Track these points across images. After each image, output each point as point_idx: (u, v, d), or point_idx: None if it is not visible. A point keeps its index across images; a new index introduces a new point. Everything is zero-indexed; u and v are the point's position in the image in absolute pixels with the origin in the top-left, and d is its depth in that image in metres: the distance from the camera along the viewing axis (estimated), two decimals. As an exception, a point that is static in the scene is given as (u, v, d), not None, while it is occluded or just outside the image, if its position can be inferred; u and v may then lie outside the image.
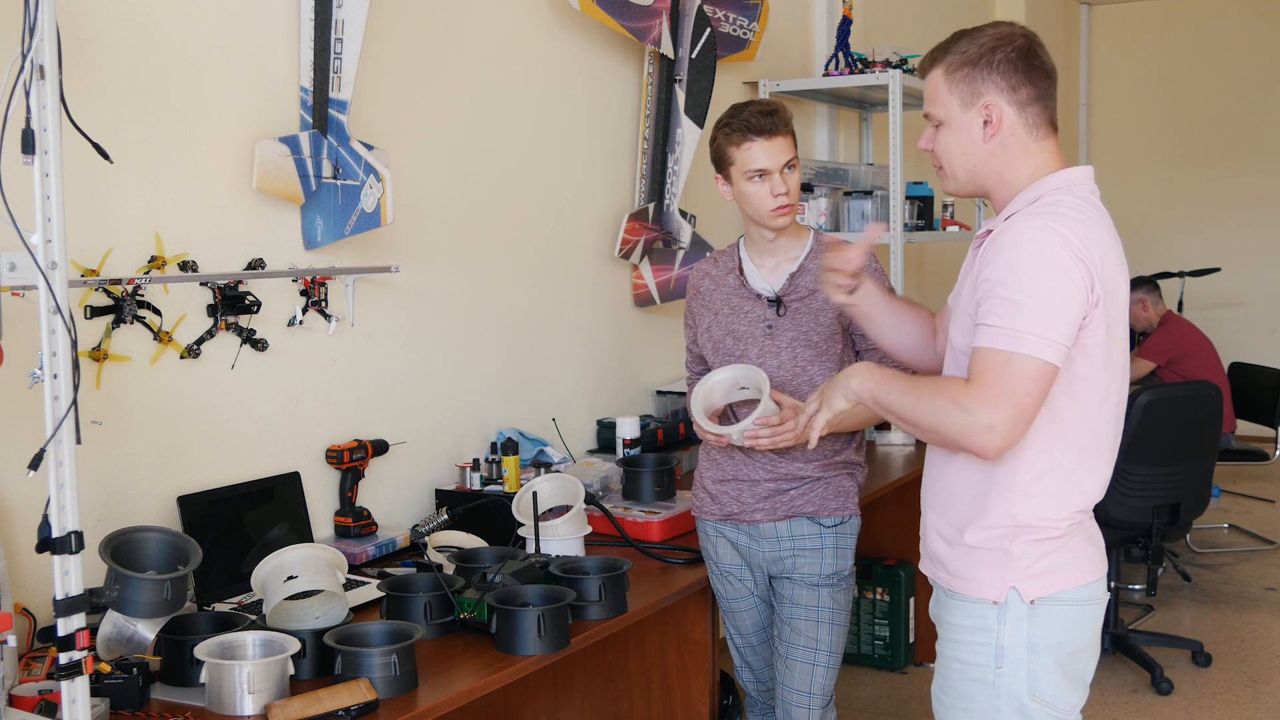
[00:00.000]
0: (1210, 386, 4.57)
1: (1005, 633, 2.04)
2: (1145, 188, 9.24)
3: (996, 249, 1.96)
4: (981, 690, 2.07)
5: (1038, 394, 1.91)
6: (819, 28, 5.49)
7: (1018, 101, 2.03)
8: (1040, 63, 2.04)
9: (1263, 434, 6.52)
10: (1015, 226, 1.96)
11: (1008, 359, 1.89)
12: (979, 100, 2.03)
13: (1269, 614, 5.16)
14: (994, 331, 1.91)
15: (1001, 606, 2.04)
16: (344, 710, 2.04)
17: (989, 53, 2.02)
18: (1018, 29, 2.07)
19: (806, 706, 2.75)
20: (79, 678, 1.81)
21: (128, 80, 2.56)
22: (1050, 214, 1.95)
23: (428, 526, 3.04)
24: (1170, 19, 9.17)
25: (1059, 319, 1.90)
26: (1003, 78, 2.02)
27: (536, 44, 3.76)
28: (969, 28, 2.10)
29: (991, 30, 2.07)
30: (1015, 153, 2.05)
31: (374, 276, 3.14)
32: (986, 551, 2.05)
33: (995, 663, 2.05)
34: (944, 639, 2.14)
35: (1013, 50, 2.02)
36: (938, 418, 1.97)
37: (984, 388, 1.91)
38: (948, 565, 2.12)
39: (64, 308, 1.78)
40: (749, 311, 2.77)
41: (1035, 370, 1.89)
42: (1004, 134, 2.04)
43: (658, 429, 3.84)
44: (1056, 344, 1.90)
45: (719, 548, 2.85)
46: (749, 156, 2.67)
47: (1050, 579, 2.04)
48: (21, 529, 2.35)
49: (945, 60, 2.07)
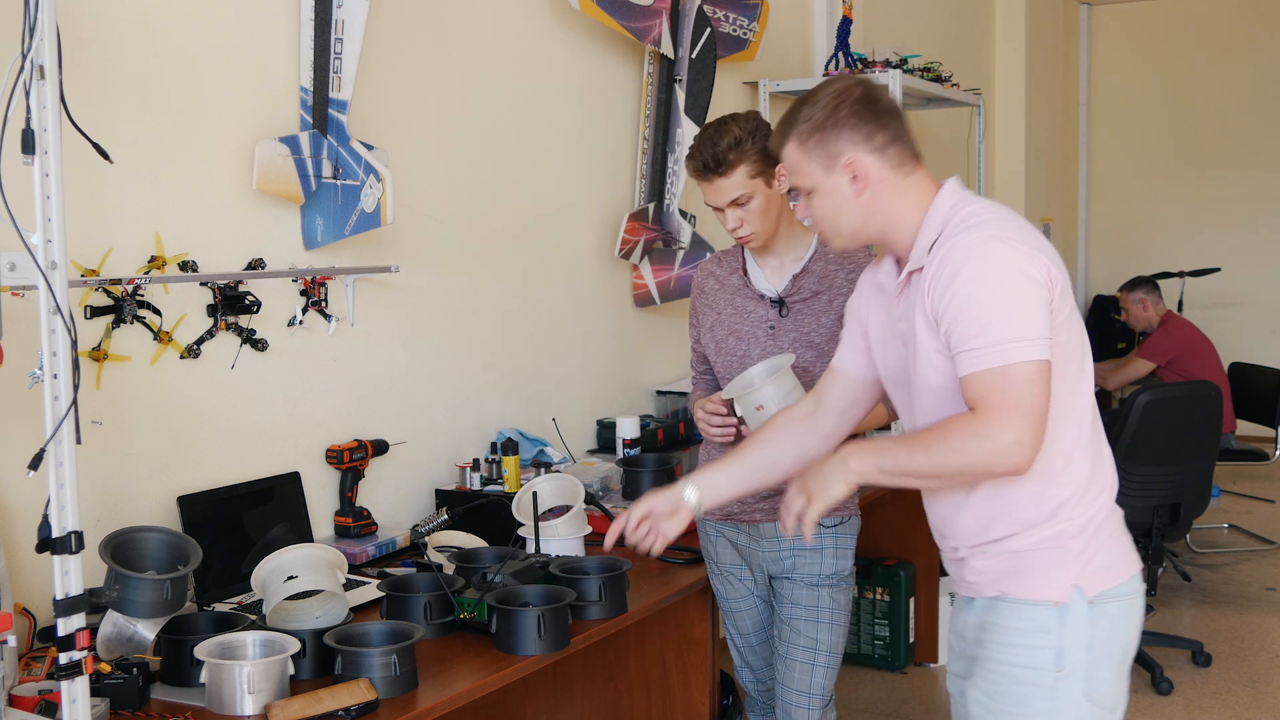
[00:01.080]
0: (1210, 386, 4.57)
1: (1066, 634, 2.01)
2: (1145, 188, 9.23)
3: (943, 278, 1.94)
4: (1038, 695, 2.02)
5: (1044, 394, 1.90)
6: (819, 28, 5.49)
7: (876, 149, 2.04)
8: (883, 106, 2.05)
9: (1263, 434, 6.52)
10: (951, 251, 1.95)
11: (1004, 373, 1.88)
12: (840, 160, 2.04)
13: (1269, 614, 5.16)
14: (979, 353, 1.90)
15: (1063, 607, 2.00)
16: (344, 710, 2.04)
17: (833, 111, 2.04)
18: (851, 80, 2.08)
19: (806, 707, 2.75)
20: (79, 678, 1.81)
21: (128, 80, 2.56)
22: (976, 225, 1.96)
23: (428, 526, 3.04)
24: (1170, 19, 9.16)
25: (1033, 316, 1.90)
26: (854, 131, 2.03)
27: (536, 44, 3.76)
28: (806, 94, 2.11)
29: (827, 89, 2.08)
30: (891, 197, 2.05)
31: (374, 276, 3.14)
32: (1044, 551, 2.02)
33: (1056, 666, 2.01)
34: (994, 643, 2.07)
35: (854, 102, 2.04)
36: (960, 457, 1.92)
37: (994, 408, 1.88)
38: (996, 573, 2.07)
39: (64, 308, 1.78)
40: (752, 312, 2.77)
41: (1033, 372, 1.88)
42: (874, 184, 2.05)
43: (658, 429, 3.84)
44: (1041, 340, 1.89)
45: (719, 547, 2.86)
46: (704, 192, 2.73)
47: (1108, 574, 2.03)
48: (21, 529, 2.35)
49: (794, 132, 2.08)
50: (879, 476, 2.03)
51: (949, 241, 1.96)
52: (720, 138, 2.65)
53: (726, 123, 2.69)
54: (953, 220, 1.99)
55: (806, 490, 2.07)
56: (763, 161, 2.66)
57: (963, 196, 2.04)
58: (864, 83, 2.08)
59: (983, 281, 1.91)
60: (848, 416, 2.31)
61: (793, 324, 2.73)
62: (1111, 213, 9.35)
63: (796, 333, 2.73)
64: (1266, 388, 6.30)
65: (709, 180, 2.68)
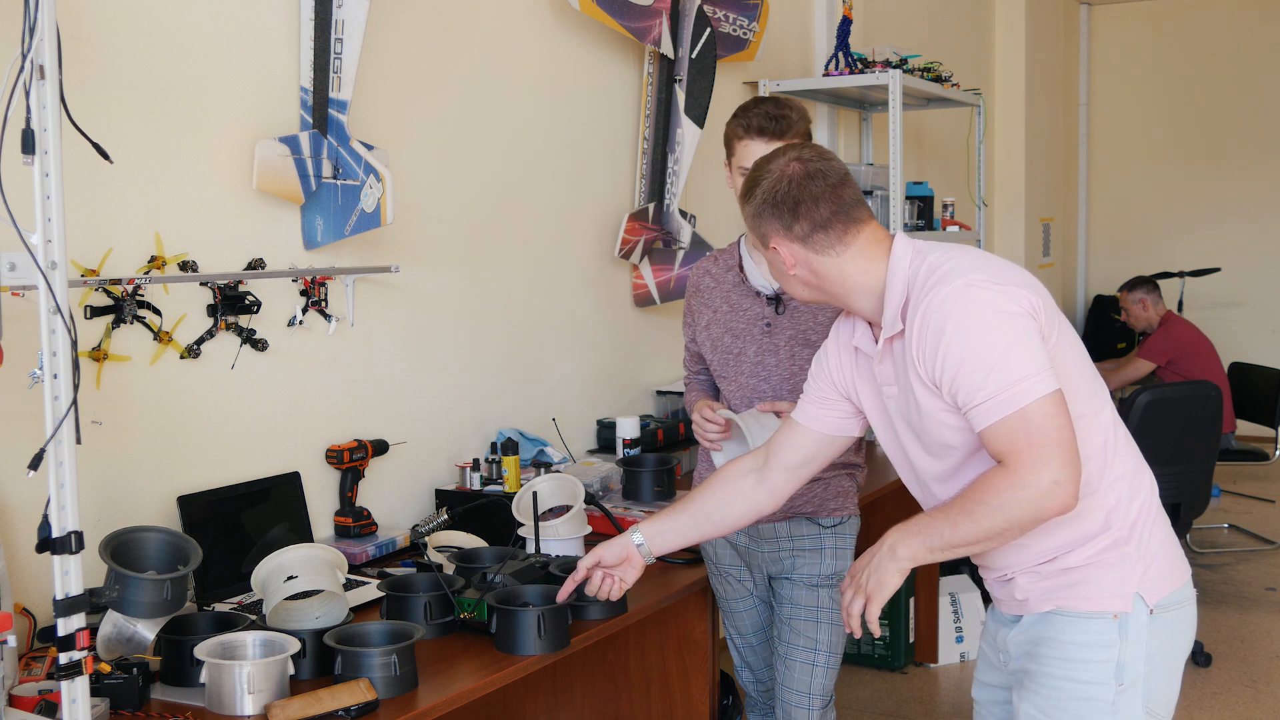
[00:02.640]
0: (1210, 386, 4.57)
1: (1127, 648, 1.99)
2: (1145, 188, 9.24)
3: (928, 338, 1.92)
4: (1098, 709, 2.00)
5: (1066, 424, 1.87)
6: (819, 28, 5.49)
7: (798, 238, 2.05)
8: (814, 190, 2.03)
9: (1263, 434, 6.52)
10: (929, 313, 1.93)
11: (1022, 417, 1.85)
12: (769, 242, 2.09)
13: (1269, 614, 5.16)
14: (991, 405, 1.87)
15: (1123, 619, 1.98)
16: (344, 710, 2.04)
17: (761, 200, 2.07)
18: (790, 157, 2.07)
19: (806, 707, 2.75)
20: (79, 678, 1.81)
21: (128, 80, 2.56)
22: (942, 278, 1.94)
23: (428, 526, 3.04)
24: (1170, 19, 9.17)
25: (1030, 351, 1.87)
26: (776, 220, 2.06)
27: (536, 44, 3.76)
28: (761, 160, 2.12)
29: (766, 169, 2.09)
30: (827, 273, 2.07)
31: (374, 276, 3.14)
32: (1100, 565, 2.00)
33: (1117, 680, 1.99)
34: (1050, 657, 2.04)
35: (779, 192, 2.05)
36: (1005, 514, 1.88)
37: (1023, 455, 1.85)
38: (1047, 589, 2.04)
39: (64, 308, 1.78)
40: (748, 309, 2.77)
41: (1049, 407, 1.86)
42: (802, 264, 2.07)
43: (658, 429, 3.84)
44: (1045, 371, 1.87)
45: (718, 548, 2.85)
46: (745, 152, 2.68)
47: (1167, 578, 2.03)
48: (21, 529, 2.35)
49: (742, 205, 2.15)
50: (929, 556, 1.98)
51: (922, 303, 1.94)
52: (784, 107, 2.68)
53: (785, 98, 2.74)
54: (916, 279, 1.98)
55: (863, 590, 2.02)
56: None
57: (916, 251, 2.02)
58: (805, 160, 2.06)
59: (970, 332, 1.88)
60: (799, 473, 2.30)
61: (789, 322, 2.73)
62: (1111, 213, 9.36)
63: (793, 330, 2.73)
64: (1266, 388, 6.30)
65: (767, 141, 2.65)
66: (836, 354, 2.21)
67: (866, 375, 2.15)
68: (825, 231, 2.04)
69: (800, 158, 2.07)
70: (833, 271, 2.06)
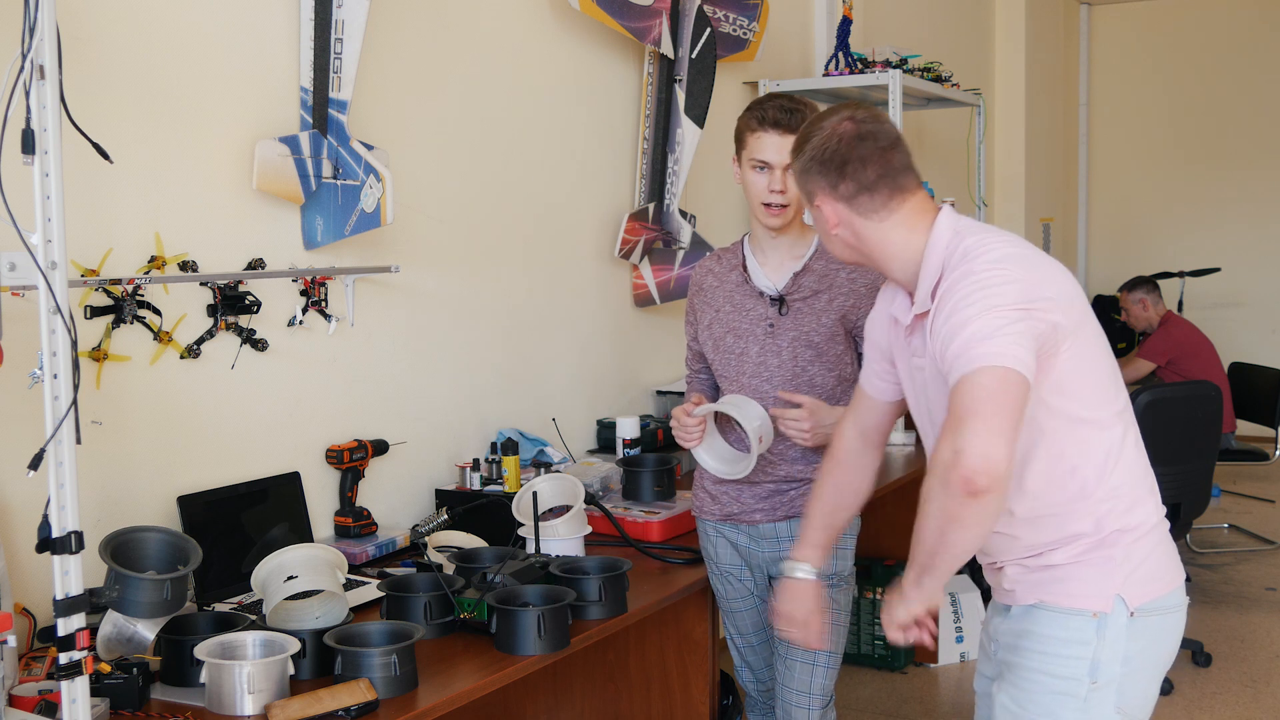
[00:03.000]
0: (1210, 386, 4.57)
1: (1103, 647, 2.00)
2: (1145, 187, 9.23)
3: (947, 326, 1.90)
4: (1069, 705, 2.01)
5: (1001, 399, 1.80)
6: (819, 28, 5.49)
7: (842, 197, 2.06)
8: (863, 150, 2.03)
9: (1263, 434, 6.51)
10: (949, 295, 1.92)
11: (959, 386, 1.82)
12: (813, 200, 2.11)
13: (1269, 614, 5.16)
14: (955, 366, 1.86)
15: (1101, 619, 1.99)
16: (344, 710, 2.04)
17: (811, 156, 2.07)
18: (843, 117, 2.06)
19: (806, 707, 2.75)
20: (79, 678, 1.81)
21: (128, 80, 2.56)
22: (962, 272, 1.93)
23: (428, 526, 3.04)
24: (1170, 19, 9.17)
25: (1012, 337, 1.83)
26: (823, 178, 2.06)
27: (536, 44, 3.76)
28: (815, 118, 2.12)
29: (818, 126, 2.08)
30: (868, 236, 2.07)
31: (374, 276, 3.14)
32: (1085, 564, 2.01)
33: (1090, 678, 2.00)
34: (1029, 650, 2.06)
35: (831, 149, 2.04)
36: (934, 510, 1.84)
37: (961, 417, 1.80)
38: (1033, 582, 2.06)
39: (64, 308, 1.78)
40: (751, 309, 2.77)
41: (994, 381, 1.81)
42: (845, 225, 2.08)
43: (658, 429, 3.84)
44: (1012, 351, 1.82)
45: (719, 548, 2.85)
46: (759, 145, 2.68)
47: (1154, 584, 2.03)
48: (21, 529, 2.35)
49: (791, 161, 2.16)
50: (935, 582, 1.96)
51: (946, 286, 1.95)
52: (794, 103, 2.68)
53: (791, 95, 2.74)
54: (951, 259, 1.98)
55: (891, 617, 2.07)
56: None
57: (956, 231, 2.01)
58: (858, 120, 2.05)
59: (969, 305, 1.88)
60: (883, 445, 2.38)
61: (792, 323, 2.73)
62: (1111, 213, 9.35)
63: (796, 331, 2.72)
64: (1266, 388, 6.30)
65: (782, 134, 2.64)
66: (879, 320, 2.24)
67: (902, 344, 2.16)
68: (870, 194, 2.04)
69: (854, 117, 2.07)
70: (874, 236, 2.07)
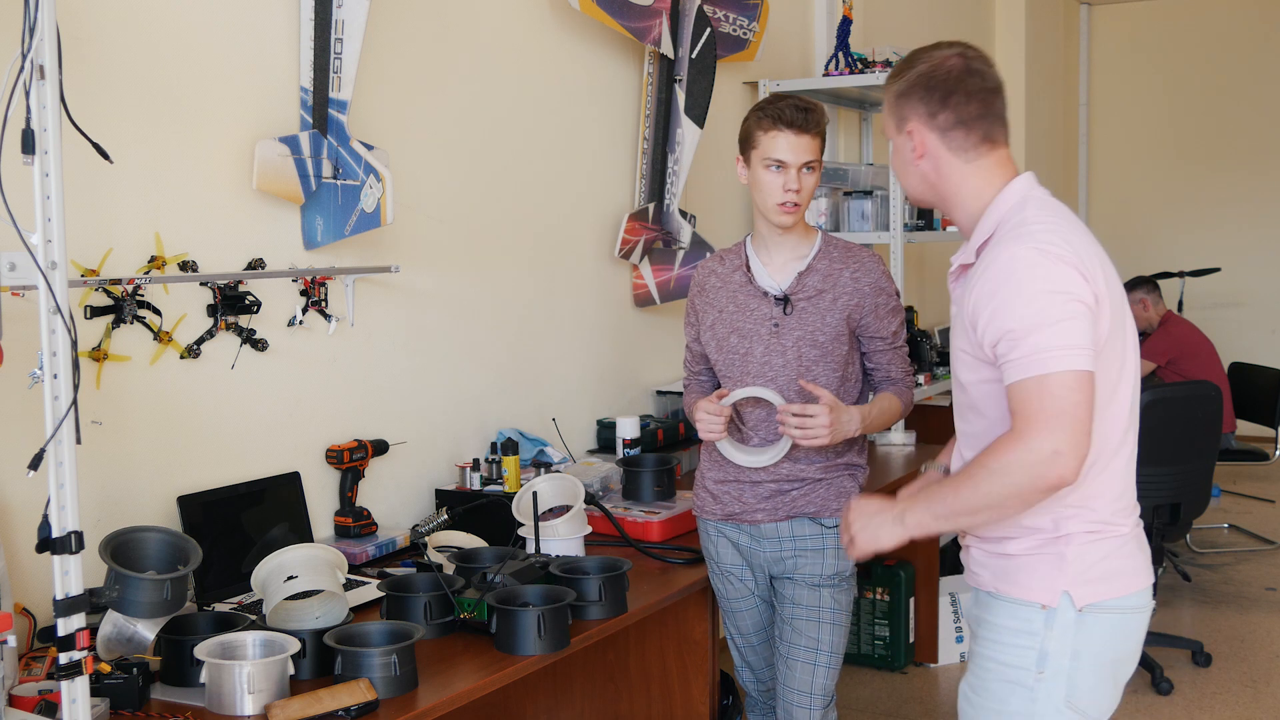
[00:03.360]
0: (1210, 386, 4.57)
1: (1051, 638, 2.01)
2: (1145, 187, 9.23)
3: (985, 287, 1.95)
4: (1018, 694, 2.04)
5: (1085, 404, 1.87)
6: (819, 28, 5.49)
7: (938, 128, 2.07)
8: (969, 86, 2.05)
9: (1263, 434, 6.52)
10: (997, 259, 1.95)
11: (1041, 383, 1.86)
12: (905, 125, 2.10)
13: (1269, 614, 5.16)
14: (1020, 364, 1.89)
15: (1050, 612, 2.01)
16: (344, 710, 2.04)
17: (914, 81, 2.08)
18: (955, 51, 2.08)
19: (807, 707, 2.75)
20: (79, 678, 1.81)
21: (128, 80, 2.56)
22: (1019, 235, 1.95)
23: (428, 526, 3.04)
24: (1170, 19, 9.17)
25: (1073, 326, 1.88)
26: (922, 104, 2.07)
27: (536, 44, 3.76)
28: (919, 49, 2.13)
29: (930, 54, 2.09)
30: (949, 174, 2.09)
31: (374, 276, 3.14)
32: (1038, 557, 2.03)
33: (1037, 668, 2.02)
34: (982, 638, 2.10)
35: (937, 77, 2.06)
36: (1004, 478, 1.89)
37: (1033, 419, 1.86)
38: (991, 569, 2.09)
39: (64, 308, 1.78)
40: (755, 309, 2.76)
41: (1073, 381, 1.86)
42: (931, 157, 2.08)
43: (658, 429, 3.84)
44: (1082, 350, 1.87)
45: (720, 547, 2.85)
46: (772, 145, 2.68)
47: (1104, 585, 2.02)
48: (21, 529, 2.35)
49: (892, 83, 2.14)
50: (935, 524, 2.02)
51: (996, 248, 1.97)
52: (806, 102, 2.69)
53: (802, 96, 2.74)
54: (1006, 224, 2.00)
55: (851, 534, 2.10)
56: (824, 143, 2.73)
57: (1026, 198, 2.03)
58: (968, 57, 2.08)
59: (1024, 292, 1.90)
60: None
61: (797, 322, 2.73)
62: (1111, 212, 9.35)
63: (801, 331, 2.72)
64: (1266, 388, 6.30)
65: (798, 134, 2.66)
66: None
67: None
68: (966, 131, 2.06)
69: (964, 54, 2.08)
70: (955, 176, 2.08)
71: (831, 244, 2.78)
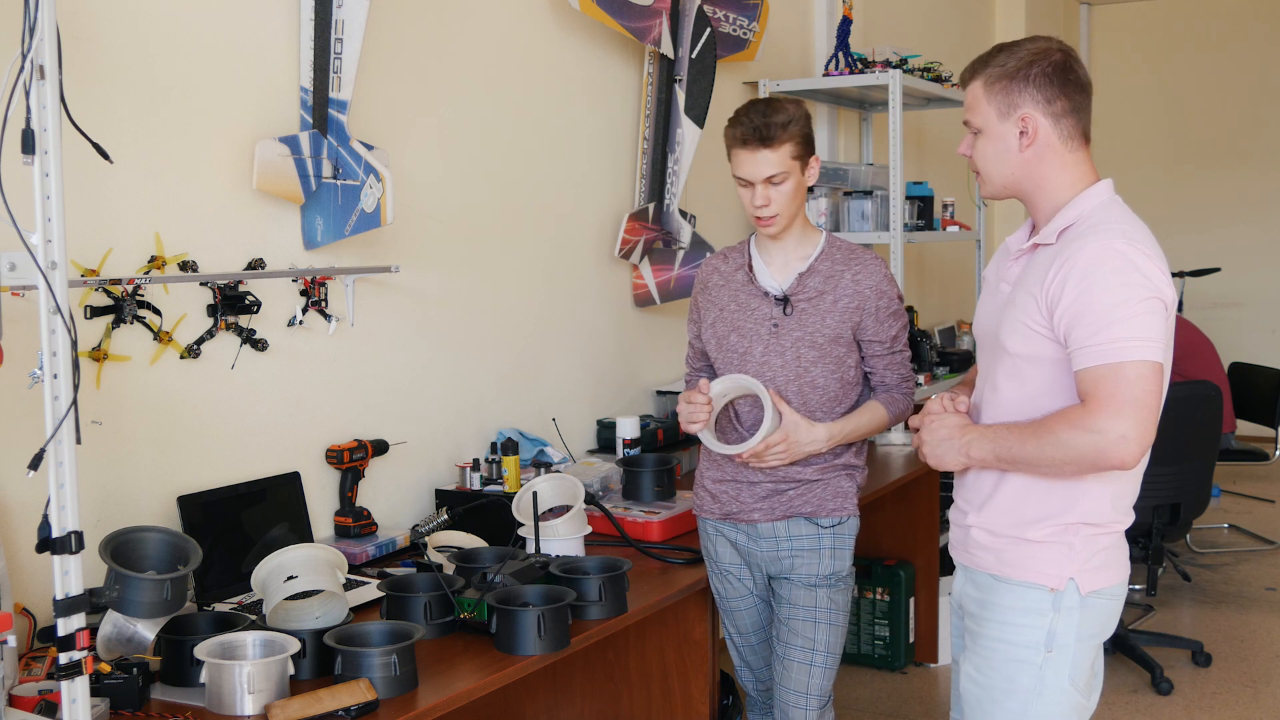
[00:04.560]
0: (1210, 386, 4.57)
1: (1059, 619, 2.12)
2: (1145, 188, 9.21)
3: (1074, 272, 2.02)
4: (1026, 672, 2.14)
5: (1156, 394, 1.98)
6: (819, 28, 5.49)
7: (1053, 114, 2.12)
8: (1075, 77, 2.13)
9: (1263, 434, 6.51)
10: (1085, 247, 2.02)
11: (1117, 370, 1.96)
12: (1016, 112, 2.13)
13: (1269, 614, 5.16)
14: (1095, 350, 1.98)
15: (1058, 594, 2.11)
16: (344, 710, 2.04)
17: (1026, 66, 2.11)
18: (1055, 44, 2.15)
19: (804, 707, 2.75)
20: (79, 678, 1.81)
21: (128, 80, 2.56)
22: (1111, 229, 2.04)
23: (428, 526, 3.04)
24: (1170, 19, 9.16)
25: (1152, 320, 1.98)
26: (1039, 90, 2.11)
27: (536, 44, 3.76)
28: (1010, 42, 2.18)
29: (1030, 45, 2.15)
30: (1050, 163, 2.14)
31: (374, 276, 3.14)
32: (1047, 545, 2.13)
33: (1046, 646, 2.12)
34: (989, 620, 2.19)
35: (1049, 65, 2.11)
36: (1068, 450, 2.01)
37: (1105, 402, 1.97)
38: (999, 554, 2.18)
39: (64, 308, 1.78)
40: (756, 309, 2.77)
41: (1147, 371, 1.97)
42: (1039, 145, 2.13)
43: (658, 429, 3.84)
44: (1155, 343, 1.98)
45: (718, 547, 2.85)
46: (736, 161, 2.70)
47: (1103, 574, 2.14)
48: (21, 529, 2.35)
49: (985, 73, 2.16)
50: (994, 462, 2.14)
51: (1084, 237, 2.04)
52: (774, 112, 2.66)
53: (778, 100, 2.71)
54: (1093, 217, 2.08)
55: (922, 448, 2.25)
56: (804, 145, 2.69)
57: (1112, 199, 2.13)
58: (1067, 52, 2.14)
59: (1110, 283, 1.99)
60: None
61: (796, 323, 2.73)
62: (1111, 213, 9.33)
63: (800, 332, 2.73)
64: (1266, 388, 6.30)
65: (754, 150, 2.65)
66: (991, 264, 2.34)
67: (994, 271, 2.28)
68: (1075, 120, 2.13)
69: (1062, 48, 2.14)
70: (1055, 163, 2.13)
71: (835, 245, 2.78)
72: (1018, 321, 2.12)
